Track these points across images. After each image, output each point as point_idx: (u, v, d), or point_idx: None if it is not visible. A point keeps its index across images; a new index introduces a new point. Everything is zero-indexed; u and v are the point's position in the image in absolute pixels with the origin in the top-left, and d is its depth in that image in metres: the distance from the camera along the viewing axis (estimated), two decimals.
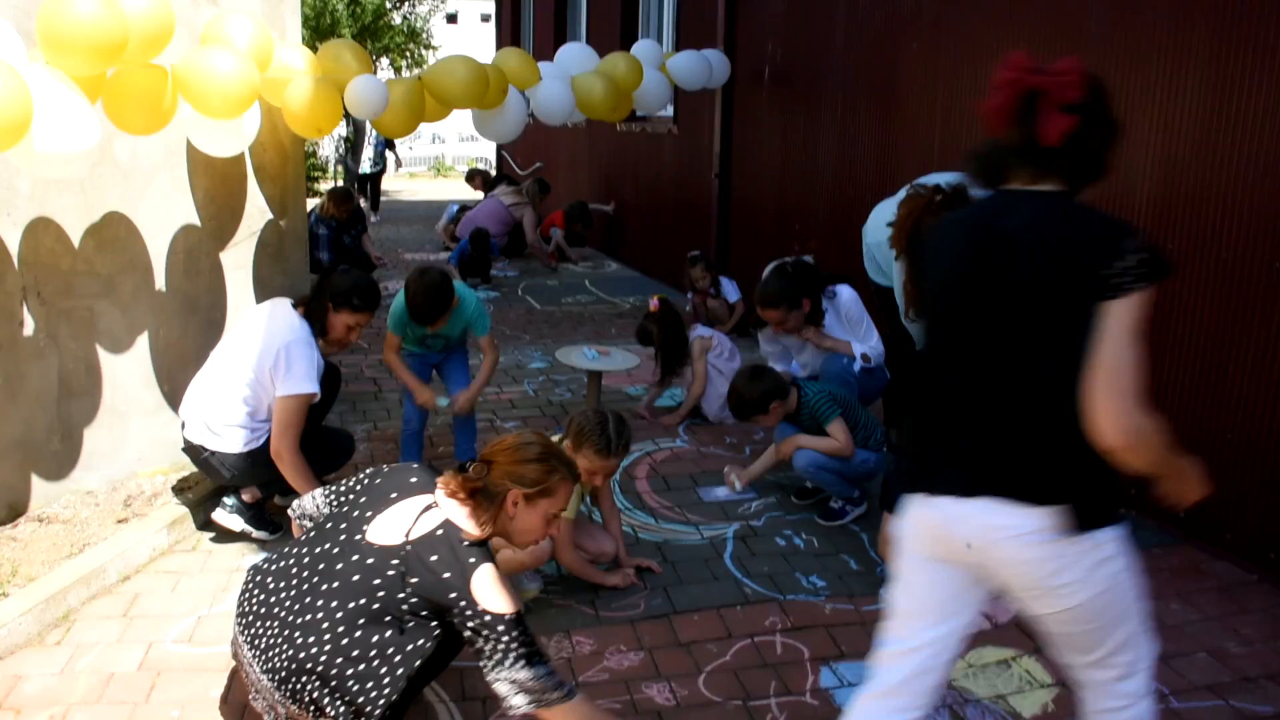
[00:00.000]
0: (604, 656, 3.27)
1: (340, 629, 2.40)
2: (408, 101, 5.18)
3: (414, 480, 2.64)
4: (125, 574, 3.70)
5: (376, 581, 2.42)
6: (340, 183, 18.83)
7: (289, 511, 2.92)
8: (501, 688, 2.41)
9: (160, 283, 4.58)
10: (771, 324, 4.85)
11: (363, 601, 2.41)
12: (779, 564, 3.95)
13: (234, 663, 2.63)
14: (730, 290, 7.59)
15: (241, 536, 4.00)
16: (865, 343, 4.94)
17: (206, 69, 4.04)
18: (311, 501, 2.86)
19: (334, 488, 2.83)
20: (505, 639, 2.38)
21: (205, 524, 4.10)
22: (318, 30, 22.60)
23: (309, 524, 2.83)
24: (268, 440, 3.90)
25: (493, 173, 14.52)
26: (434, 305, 4.39)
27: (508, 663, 2.38)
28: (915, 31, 5.69)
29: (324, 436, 4.19)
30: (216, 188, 4.82)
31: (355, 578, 2.44)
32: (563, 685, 2.44)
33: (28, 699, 2.95)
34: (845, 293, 4.97)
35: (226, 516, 3.98)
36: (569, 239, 11.15)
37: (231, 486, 4.00)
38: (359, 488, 2.74)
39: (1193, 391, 4.01)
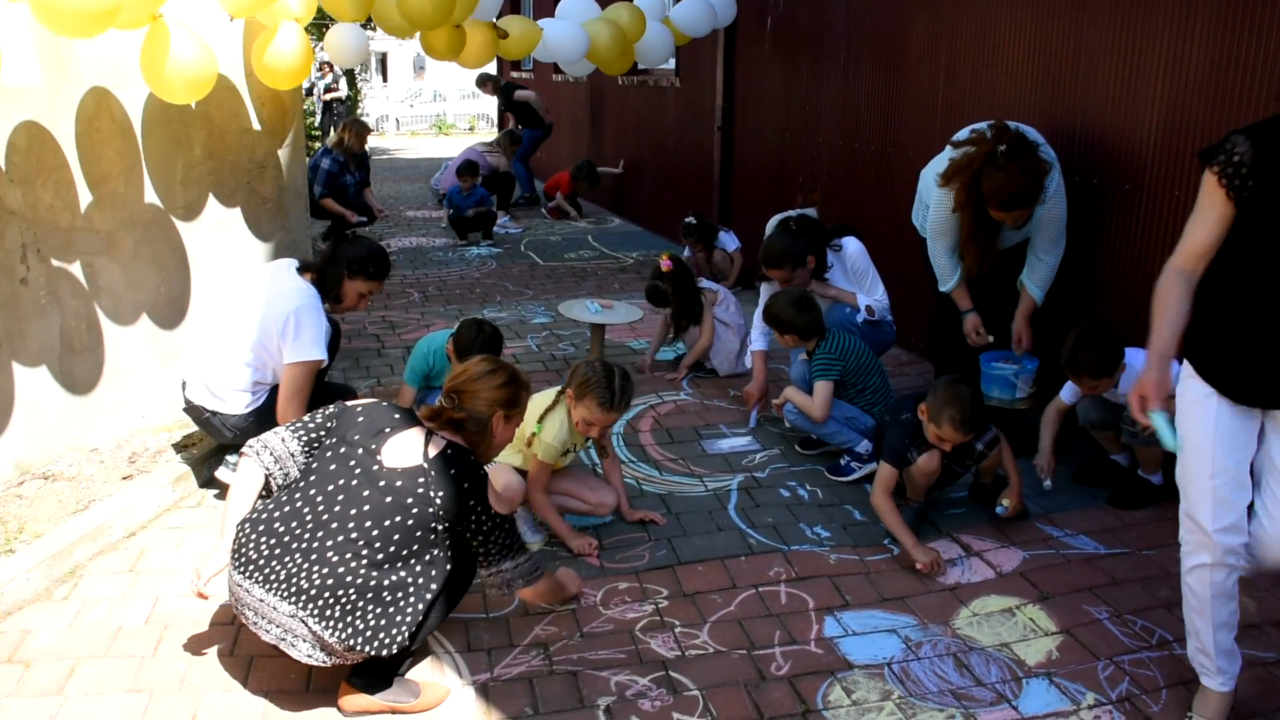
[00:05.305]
0: (609, 607, 3.28)
1: (377, 544, 2.60)
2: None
3: (397, 416, 2.83)
4: (131, 530, 3.71)
5: (409, 500, 2.63)
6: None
7: (248, 450, 2.87)
8: (499, 577, 2.84)
9: (160, 239, 4.55)
10: (778, 283, 4.80)
11: (398, 519, 2.62)
12: (783, 515, 3.95)
13: (237, 615, 2.68)
14: (729, 241, 7.53)
15: None
16: (870, 295, 4.89)
17: None
18: (276, 438, 2.88)
19: (298, 424, 2.90)
20: (506, 537, 2.79)
21: (209, 481, 4.11)
22: None
23: (270, 459, 2.84)
24: (269, 400, 3.88)
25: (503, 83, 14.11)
26: (495, 353, 4.30)
27: (507, 555, 2.81)
28: None
29: (327, 393, 4.17)
30: (215, 143, 4.77)
31: (388, 499, 2.63)
32: (540, 567, 2.94)
33: (36, 653, 2.97)
34: (851, 245, 4.92)
35: (230, 474, 3.98)
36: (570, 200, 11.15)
37: (233, 445, 4.00)
38: (329, 427, 2.87)
39: None
